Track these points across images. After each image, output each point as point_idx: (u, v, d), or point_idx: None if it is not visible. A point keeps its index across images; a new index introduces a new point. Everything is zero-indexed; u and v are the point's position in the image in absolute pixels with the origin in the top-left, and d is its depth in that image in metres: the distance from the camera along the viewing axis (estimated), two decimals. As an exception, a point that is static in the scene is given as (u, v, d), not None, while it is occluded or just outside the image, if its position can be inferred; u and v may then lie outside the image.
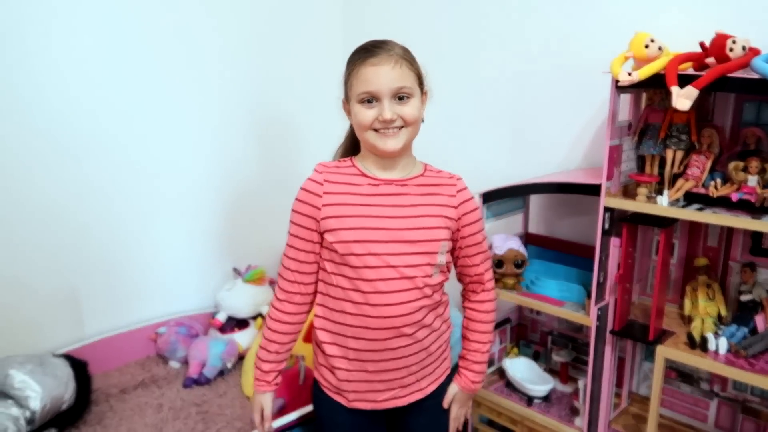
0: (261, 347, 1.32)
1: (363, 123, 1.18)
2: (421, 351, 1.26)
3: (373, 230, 1.19)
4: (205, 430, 1.78)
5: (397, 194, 1.23)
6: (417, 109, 1.20)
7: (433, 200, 1.25)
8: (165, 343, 2.13)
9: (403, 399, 1.29)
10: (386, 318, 1.19)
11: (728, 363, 1.37)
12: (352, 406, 1.28)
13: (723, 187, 1.40)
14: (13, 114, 1.81)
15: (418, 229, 1.21)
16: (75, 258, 2.02)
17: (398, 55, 1.17)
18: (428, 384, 1.32)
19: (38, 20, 1.81)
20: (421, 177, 1.27)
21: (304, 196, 1.23)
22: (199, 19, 2.16)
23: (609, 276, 1.57)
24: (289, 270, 1.26)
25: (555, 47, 1.88)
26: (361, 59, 1.17)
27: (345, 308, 1.22)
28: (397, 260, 1.19)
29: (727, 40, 1.29)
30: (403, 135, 1.19)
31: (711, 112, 1.54)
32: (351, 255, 1.19)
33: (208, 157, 2.29)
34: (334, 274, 1.22)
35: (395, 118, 1.17)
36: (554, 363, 1.96)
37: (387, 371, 1.25)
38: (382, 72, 1.15)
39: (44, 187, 1.90)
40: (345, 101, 1.25)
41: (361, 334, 1.22)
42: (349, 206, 1.20)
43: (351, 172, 1.24)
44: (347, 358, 1.25)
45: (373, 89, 1.16)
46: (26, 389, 1.66)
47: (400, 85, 1.16)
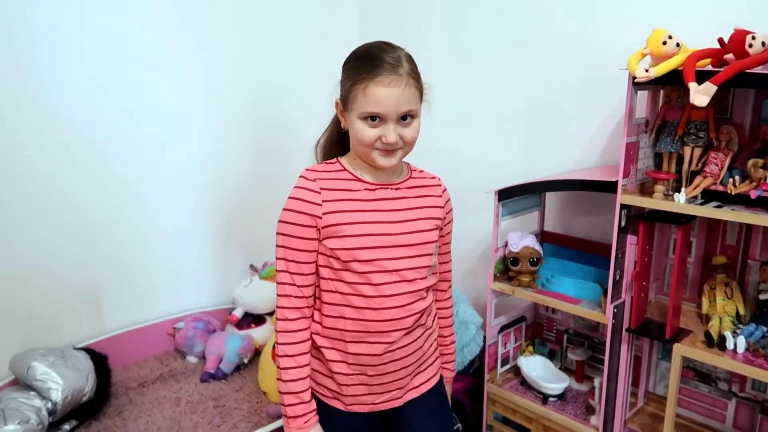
0: (293, 380, 1.19)
1: (365, 141, 1.14)
2: (417, 351, 1.27)
3: (375, 236, 1.17)
4: (222, 424, 1.80)
5: (393, 199, 1.22)
6: (417, 130, 1.18)
7: (424, 202, 1.25)
8: (183, 338, 2.16)
9: (400, 400, 1.29)
10: (388, 321, 1.19)
11: (746, 362, 1.36)
12: (350, 410, 1.26)
13: (741, 185, 1.39)
14: (37, 111, 1.85)
15: (415, 232, 1.22)
16: (96, 254, 2.06)
17: (407, 74, 1.13)
18: (421, 383, 1.32)
19: (67, 21, 1.86)
20: (410, 179, 1.27)
21: (299, 206, 1.17)
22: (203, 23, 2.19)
23: (625, 274, 1.57)
24: (296, 286, 1.18)
25: (571, 44, 1.87)
26: (370, 75, 1.11)
27: (345, 313, 1.19)
28: (397, 264, 1.19)
29: (747, 36, 1.28)
30: (399, 154, 1.18)
31: (730, 109, 1.53)
32: (354, 261, 1.17)
33: (227, 155, 2.32)
34: (332, 280, 1.19)
35: (398, 141, 1.14)
36: (570, 362, 1.95)
37: (386, 374, 1.23)
38: (392, 95, 1.11)
39: (65, 185, 1.95)
40: (340, 103, 1.21)
41: (362, 338, 1.20)
42: (350, 213, 1.17)
43: (344, 176, 1.21)
44: (347, 362, 1.22)
45: (381, 111, 1.12)
46: (48, 381, 1.70)
47: (408, 109, 1.14)
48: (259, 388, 2.00)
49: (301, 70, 2.46)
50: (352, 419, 1.27)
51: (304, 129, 2.50)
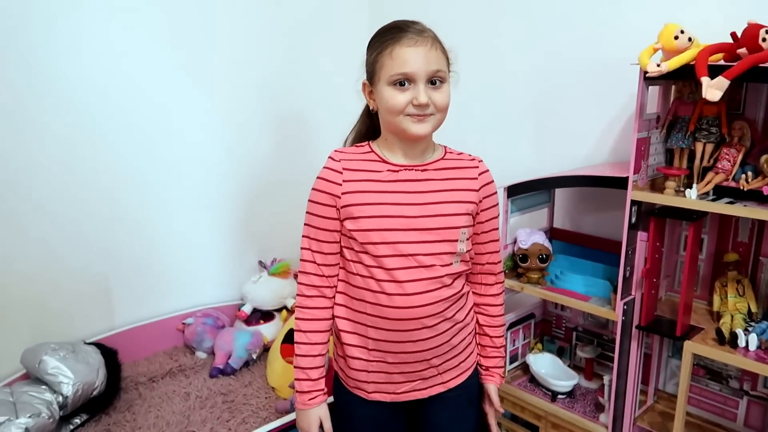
0: (302, 355, 1.21)
1: (396, 107, 1.13)
2: (443, 344, 1.22)
3: (392, 218, 1.15)
4: (231, 419, 1.81)
5: (417, 180, 1.19)
6: (448, 95, 1.16)
7: (453, 185, 1.21)
8: (192, 333, 2.17)
9: (424, 392, 1.25)
10: (403, 308, 1.16)
11: (758, 359, 1.34)
12: (372, 398, 1.25)
13: (754, 181, 1.37)
14: (53, 104, 1.87)
15: (437, 216, 1.17)
16: (107, 251, 2.07)
17: (432, 38, 1.14)
18: (451, 378, 1.28)
19: (88, 13, 1.88)
20: (442, 161, 1.23)
21: (322, 186, 1.18)
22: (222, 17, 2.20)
23: (635, 270, 1.56)
24: (316, 264, 1.20)
25: (582, 39, 1.86)
26: (395, 39, 1.12)
27: (364, 297, 1.19)
28: (414, 249, 1.16)
29: (760, 30, 1.26)
30: (432, 121, 1.15)
31: (742, 104, 1.51)
32: (369, 243, 1.16)
33: (236, 152, 2.33)
34: (353, 261, 1.19)
35: (429, 103, 1.13)
36: (579, 359, 1.94)
37: (406, 363, 1.21)
38: (420, 53, 1.11)
39: (77, 179, 1.96)
40: (367, 83, 1.20)
41: (380, 324, 1.18)
42: (368, 194, 1.16)
43: (370, 158, 1.20)
44: (367, 348, 1.21)
45: (410, 70, 1.11)
46: (59, 375, 1.71)
47: (437, 68, 1.13)
48: (268, 384, 2.01)
49: (318, 67, 2.47)
50: (375, 408, 1.25)
51: (319, 126, 2.53)
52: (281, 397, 1.92)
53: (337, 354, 1.30)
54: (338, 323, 1.24)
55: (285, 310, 2.33)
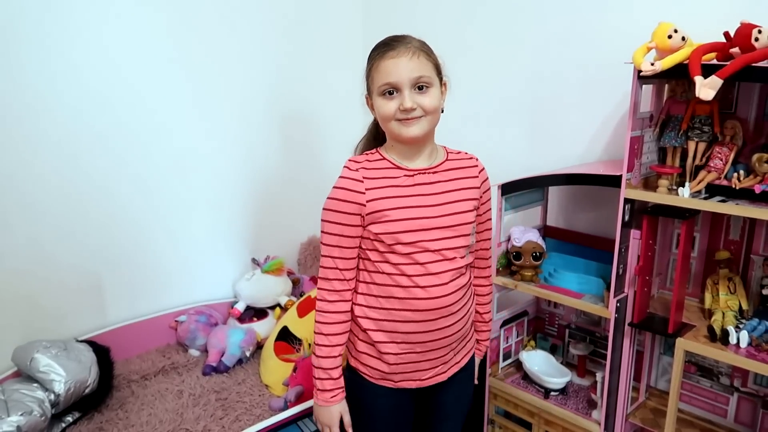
0: (324, 357, 1.28)
1: (386, 114, 1.22)
2: (462, 329, 1.33)
3: (416, 220, 1.23)
4: (224, 416, 1.80)
5: (430, 183, 1.27)
6: (436, 99, 1.23)
7: (460, 184, 1.30)
8: (185, 331, 2.17)
9: (444, 375, 1.35)
10: (434, 299, 1.25)
11: (749, 356, 1.36)
12: (398, 386, 1.32)
13: (746, 179, 1.38)
14: (45, 102, 1.85)
15: (452, 214, 1.27)
16: (99, 248, 2.06)
17: (415, 47, 1.21)
18: (462, 357, 1.39)
19: (73, 14, 1.85)
20: (447, 161, 1.32)
21: (345, 195, 1.23)
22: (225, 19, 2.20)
23: (628, 268, 1.57)
24: (338, 269, 1.26)
25: (576, 38, 1.87)
26: (380, 54, 1.22)
27: (393, 293, 1.25)
28: (438, 245, 1.25)
29: (753, 30, 1.27)
30: (423, 123, 1.22)
31: (734, 103, 1.52)
32: (398, 244, 1.23)
33: (229, 150, 2.32)
34: (378, 262, 1.26)
35: (415, 107, 1.20)
36: (572, 356, 1.96)
37: (433, 350, 1.30)
38: (401, 63, 1.19)
39: (69, 177, 1.94)
40: (368, 96, 1.29)
41: (410, 317, 1.26)
42: (392, 199, 1.23)
43: (384, 165, 1.27)
44: (395, 342, 1.28)
45: (392, 80, 1.19)
46: (51, 373, 1.70)
47: (419, 75, 1.20)
48: (261, 382, 2.00)
49: (313, 67, 2.47)
50: (399, 396, 1.34)
51: (313, 124, 2.53)
52: (274, 394, 1.92)
53: (356, 350, 1.34)
54: (362, 323, 1.30)
55: (278, 308, 2.33)
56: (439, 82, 1.25)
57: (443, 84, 1.28)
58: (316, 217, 2.79)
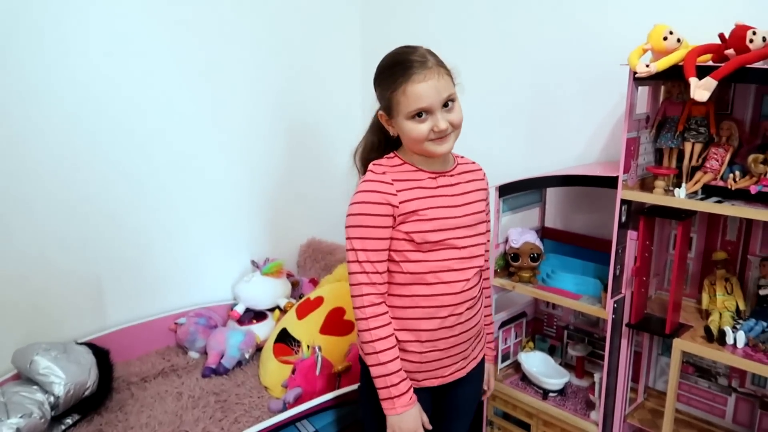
0: (391, 361, 1.25)
1: (419, 137, 1.23)
2: (478, 324, 1.38)
3: (445, 219, 1.27)
4: (224, 418, 1.81)
5: (451, 185, 1.32)
6: (461, 111, 1.27)
7: (473, 186, 1.36)
8: (184, 333, 2.17)
9: (464, 370, 1.38)
10: (459, 294, 1.29)
11: (746, 356, 1.36)
12: (422, 385, 1.34)
13: (742, 180, 1.39)
14: (43, 106, 1.86)
15: (473, 214, 1.32)
16: (99, 249, 2.06)
17: (436, 65, 1.22)
18: (478, 352, 1.43)
19: (79, 16, 1.87)
20: (459, 166, 1.36)
21: (377, 198, 1.24)
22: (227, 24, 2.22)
23: (625, 269, 1.57)
24: (379, 273, 1.27)
25: (573, 40, 1.88)
26: (405, 76, 1.20)
27: (418, 291, 1.28)
28: (463, 242, 1.29)
29: (747, 32, 1.28)
30: (453, 137, 1.27)
31: (730, 104, 1.53)
32: (426, 243, 1.26)
33: (228, 153, 2.33)
34: (403, 262, 1.27)
35: (447, 127, 1.23)
36: (570, 357, 1.96)
37: (456, 346, 1.33)
38: (431, 87, 1.19)
39: (71, 179, 1.95)
40: (384, 115, 1.28)
41: (435, 314, 1.28)
42: (422, 200, 1.26)
43: (407, 168, 1.29)
44: (420, 340, 1.30)
45: (425, 105, 1.20)
46: (50, 375, 1.71)
47: (448, 95, 1.22)
48: (261, 383, 2.01)
49: (308, 72, 2.48)
50: (420, 394, 1.32)
51: (311, 127, 2.53)
52: (274, 396, 1.92)
53: None
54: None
55: (278, 310, 2.34)
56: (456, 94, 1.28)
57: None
58: (315, 219, 2.81)
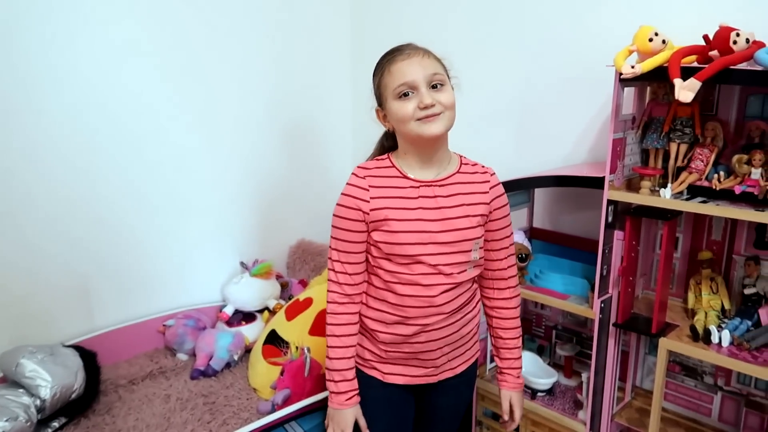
0: (338, 358, 1.30)
1: (405, 115, 1.20)
2: (454, 334, 1.33)
3: (417, 233, 1.24)
4: (212, 420, 1.80)
5: (434, 196, 1.26)
6: (452, 95, 1.24)
7: (467, 199, 1.28)
8: (173, 335, 2.16)
9: (434, 377, 1.36)
10: (425, 308, 1.26)
11: (731, 355, 1.37)
12: (387, 380, 1.34)
13: (726, 180, 1.40)
14: (31, 107, 1.84)
15: (453, 230, 1.26)
16: (86, 251, 2.05)
17: (423, 50, 1.25)
18: (459, 364, 1.39)
19: (64, 17, 1.85)
20: (458, 174, 1.30)
21: (350, 202, 1.25)
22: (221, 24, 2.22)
23: (612, 269, 1.58)
24: (348, 274, 1.29)
25: (560, 41, 1.89)
26: (390, 59, 1.23)
27: (386, 298, 1.28)
28: (435, 260, 1.25)
29: (731, 33, 1.29)
30: (444, 119, 1.22)
31: (715, 105, 1.54)
32: (394, 254, 1.25)
33: (218, 154, 2.31)
34: (376, 267, 1.29)
35: (435, 103, 1.20)
36: (558, 357, 1.97)
37: (423, 352, 1.31)
38: (414, 63, 1.21)
39: (57, 181, 1.94)
40: (378, 109, 1.30)
41: (401, 321, 1.28)
42: (395, 210, 1.24)
43: (392, 173, 1.27)
44: (385, 342, 1.31)
45: (408, 79, 1.20)
46: (37, 378, 1.69)
47: (433, 71, 1.21)
48: (250, 385, 2.00)
49: (300, 71, 2.47)
50: (389, 390, 1.35)
51: (301, 128, 2.53)
52: (263, 398, 1.91)
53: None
54: (362, 311, 1.34)
55: (267, 311, 2.33)
56: (449, 82, 1.27)
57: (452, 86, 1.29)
58: (304, 220, 2.81)
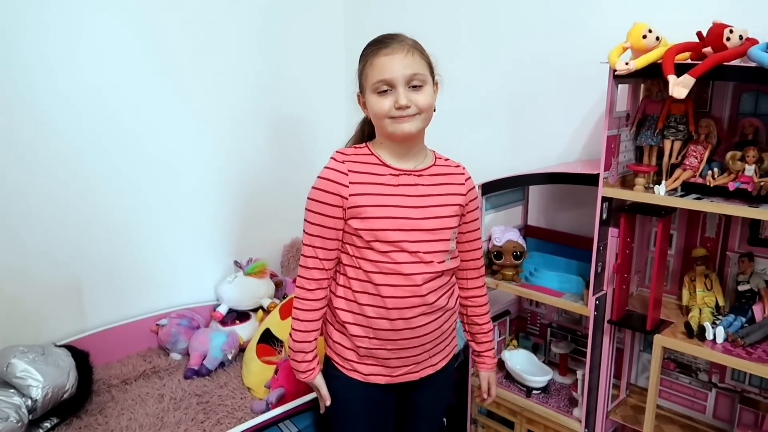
0: (299, 341, 1.31)
1: (379, 112, 1.21)
2: (436, 330, 1.32)
3: (397, 219, 1.23)
4: (206, 420, 1.79)
5: (415, 185, 1.27)
6: (430, 97, 1.24)
7: (445, 190, 1.30)
8: (166, 334, 2.14)
9: (416, 374, 1.35)
10: (405, 298, 1.25)
11: (725, 351, 1.37)
12: (368, 380, 1.33)
13: (720, 177, 1.41)
14: (21, 107, 1.82)
15: (434, 218, 1.27)
16: (78, 250, 2.03)
17: (409, 45, 1.23)
18: (440, 360, 1.38)
19: (47, 18, 1.83)
20: (434, 167, 1.32)
21: (327, 186, 1.24)
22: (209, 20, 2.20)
23: (607, 266, 1.58)
24: (318, 259, 1.27)
25: (554, 38, 1.89)
26: (374, 51, 1.22)
27: (367, 289, 1.26)
28: (416, 247, 1.25)
29: (724, 30, 1.30)
30: (417, 121, 1.23)
31: (709, 102, 1.54)
32: (376, 241, 1.24)
33: (211, 152, 2.30)
34: (356, 257, 1.27)
35: (410, 105, 1.20)
36: (553, 355, 1.97)
37: (405, 349, 1.30)
38: (395, 60, 1.20)
39: (49, 179, 1.92)
40: (360, 95, 1.30)
41: (383, 314, 1.26)
42: (375, 196, 1.24)
43: (371, 161, 1.27)
44: (368, 336, 1.29)
45: (387, 77, 1.19)
46: (28, 378, 1.67)
47: (413, 72, 1.20)
48: (243, 384, 1.99)
49: (292, 68, 2.46)
50: (369, 389, 1.34)
51: (295, 126, 2.52)
52: (257, 397, 1.90)
53: (332, 340, 1.36)
54: (340, 315, 1.31)
55: (261, 310, 2.32)
56: (432, 80, 1.26)
57: (435, 83, 1.29)
58: (298, 219, 2.77)
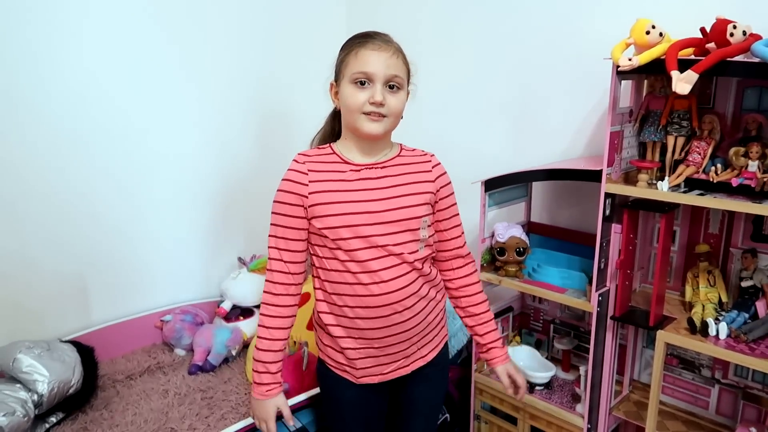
0: (264, 350, 1.28)
1: (354, 104, 1.22)
2: (421, 322, 1.31)
3: (359, 214, 1.23)
4: (210, 415, 1.80)
5: (378, 177, 1.27)
6: (402, 102, 1.26)
7: (410, 179, 1.29)
8: (170, 330, 2.16)
9: (407, 368, 1.35)
10: (382, 295, 1.24)
11: (728, 348, 1.37)
12: (361, 381, 1.33)
13: (723, 173, 1.40)
14: (25, 105, 1.83)
15: (399, 208, 1.25)
16: (83, 247, 2.04)
17: (395, 48, 1.25)
18: (429, 351, 1.38)
19: (49, 18, 1.84)
20: (398, 158, 1.31)
21: (289, 187, 1.25)
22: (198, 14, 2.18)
23: (610, 262, 1.58)
24: (283, 261, 1.27)
25: (557, 35, 1.88)
26: (362, 42, 1.23)
27: (344, 290, 1.26)
28: (383, 240, 1.23)
29: (728, 26, 1.29)
30: (386, 122, 1.24)
31: (712, 98, 1.54)
32: (341, 239, 1.23)
33: (214, 148, 2.31)
34: (327, 258, 1.26)
35: (385, 102, 1.21)
36: (556, 351, 1.97)
37: (391, 345, 1.29)
38: (381, 57, 1.21)
39: (53, 176, 1.93)
40: (334, 83, 1.29)
41: (363, 314, 1.25)
42: (334, 193, 1.24)
43: (332, 159, 1.28)
44: (353, 337, 1.29)
45: (370, 70, 1.20)
46: (34, 373, 1.68)
47: (394, 73, 1.22)
48: (247, 380, 2.00)
49: (296, 68, 2.46)
50: (362, 389, 1.34)
51: (296, 123, 2.52)
52: (261, 392, 1.91)
53: (323, 343, 1.36)
54: (322, 317, 1.31)
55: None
56: (407, 87, 1.28)
57: (408, 91, 1.30)
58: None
